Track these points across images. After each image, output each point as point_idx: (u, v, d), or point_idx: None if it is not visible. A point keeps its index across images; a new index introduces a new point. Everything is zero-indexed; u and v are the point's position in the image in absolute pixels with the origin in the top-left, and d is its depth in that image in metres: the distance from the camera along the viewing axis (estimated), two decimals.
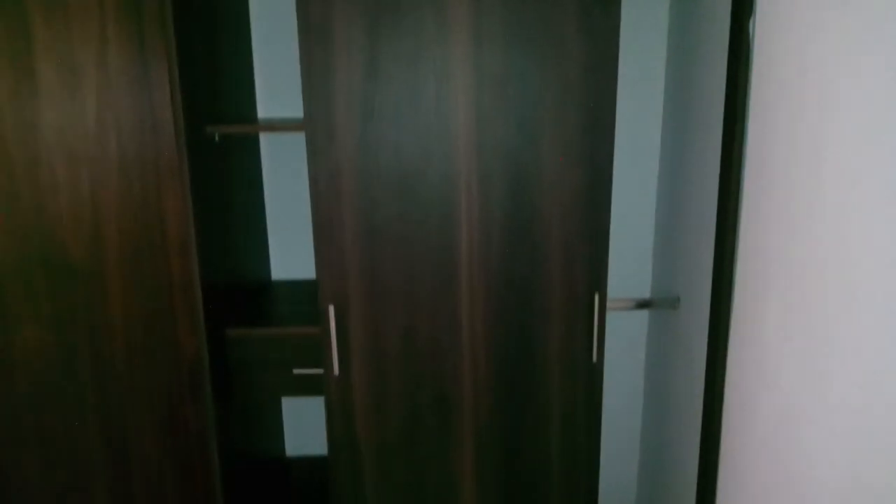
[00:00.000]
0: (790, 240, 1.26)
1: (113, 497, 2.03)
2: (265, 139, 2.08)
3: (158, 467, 2.01)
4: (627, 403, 2.30)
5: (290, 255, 2.17)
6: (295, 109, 2.02)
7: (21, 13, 1.73)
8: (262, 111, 2.04)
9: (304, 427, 2.32)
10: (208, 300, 1.62)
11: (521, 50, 1.44)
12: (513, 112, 1.47)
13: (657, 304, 2.10)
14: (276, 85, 2.02)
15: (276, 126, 1.71)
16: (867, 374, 1.00)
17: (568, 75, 1.45)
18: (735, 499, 1.52)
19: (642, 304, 2.14)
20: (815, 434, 1.16)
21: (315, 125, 1.47)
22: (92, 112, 1.72)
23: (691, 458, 1.80)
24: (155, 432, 1.99)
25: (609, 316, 2.21)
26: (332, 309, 1.54)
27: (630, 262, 2.18)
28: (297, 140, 2.05)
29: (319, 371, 1.72)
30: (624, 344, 2.24)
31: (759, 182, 1.39)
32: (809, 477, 1.18)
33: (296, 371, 1.74)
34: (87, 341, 1.91)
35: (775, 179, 1.29)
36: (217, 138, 1.68)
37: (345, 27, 1.42)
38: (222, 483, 1.67)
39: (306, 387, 1.76)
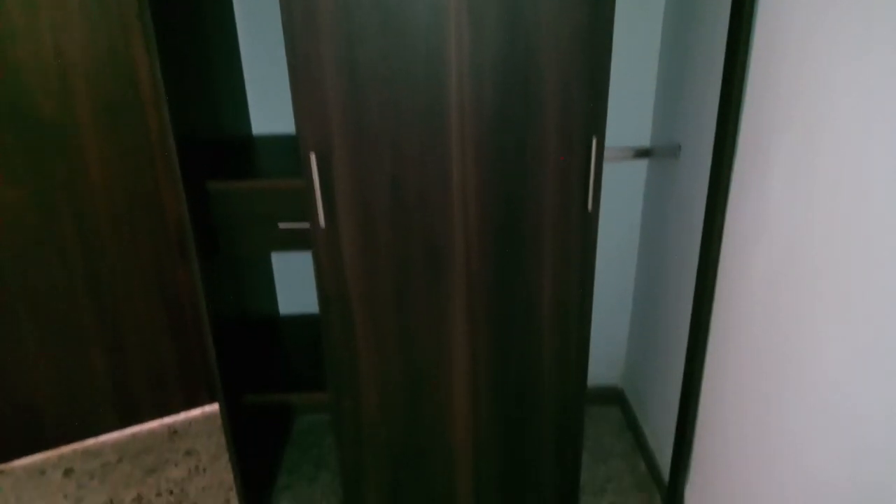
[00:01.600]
0: (799, 89, 1.16)
1: (109, 360, 2.05)
2: None
3: (151, 329, 2.01)
4: (622, 255, 2.28)
5: (273, 107, 2.06)
6: None
7: None
8: None
9: (296, 285, 2.31)
10: (186, 153, 1.54)
11: None
12: None
13: (657, 153, 2.02)
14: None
15: None
16: (870, 226, 0.95)
17: None
18: (725, 356, 1.52)
19: (641, 153, 2.06)
20: (809, 294, 1.13)
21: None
22: None
23: (684, 314, 1.80)
24: (145, 292, 1.97)
25: (607, 167, 2.14)
26: (313, 157, 1.46)
27: (630, 110, 2.07)
28: None
29: (306, 225, 1.67)
30: (622, 195, 2.18)
31: (769, 26, 1.27)
32: (800, 338, 1.17)
33: (281, 225, 1.69)
34: (66, 200, 1.85)
35: (787, 25, 1.18)
36: None
37: None
38: (214, 341, 1.67)
39: (293, 241, 1.72)
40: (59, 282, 1.89)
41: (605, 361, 2.45)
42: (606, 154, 2.03)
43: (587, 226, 1.54)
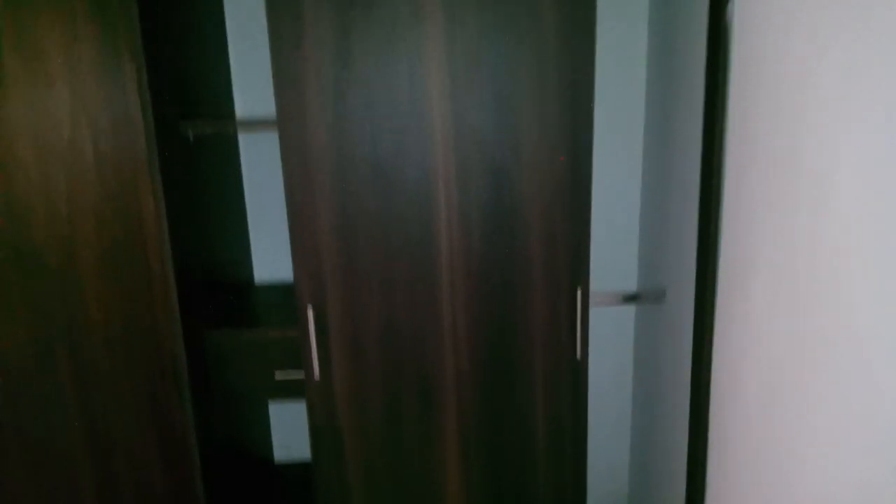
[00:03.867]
0: (772, 230, 1.24)
1: (99, 494, 2.00)
2: (244, 135, 2.05)
3: (143, 466, 1.98)
4: (615, 399, 2.28)
5: (275, 256, 2.13)
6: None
7: None
8: (241, 107, 2.00)
9: (293, 431, 2.29)
10: (186, 300, 1.59)
11: (495, 42, 1.41)
12: (489, 103, 1.44)
13: (644, 298, 2.08)
14: (254, 80, 1.99)
15: (249, 123, 1.68)
16: (852, 362, 0.98)
17: (545, 70, 1.42)
18: (725, 487, 1.50)
19: (629, 298, 2.11)
20: (798, 426, 1.14)
21: (287, 118, 1.44)
22: (65, 110, 1.69)
23: (680, 451, 1.78)
24: (138, 432, 1.96)
25: (596, 311, 2.19)
26: (310, 309, 1.51)
27: (617, 256, 2.15)
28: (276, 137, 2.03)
29: (300, 375, 1.69)
30: (612, 339, 2.22)
31: (740, 172, 1.37)
32: (794, 462, 1.17)
33: (277, 374, 1.71)
34: (65, 341, 1.89)
35: (756, 169, 1.27)
36: (191, 136, 1.65)
37: (315, 19, 1.38)
38: (203, 482, 1.64)
39: (288, 390, 1.73)
40: (52, 417, 1.90)
41: (607, 492, 2.39)
42: (595, 299, 2.09)
43: (577, 373, 1.57)
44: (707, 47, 1.47)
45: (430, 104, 1.43)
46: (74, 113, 1.69)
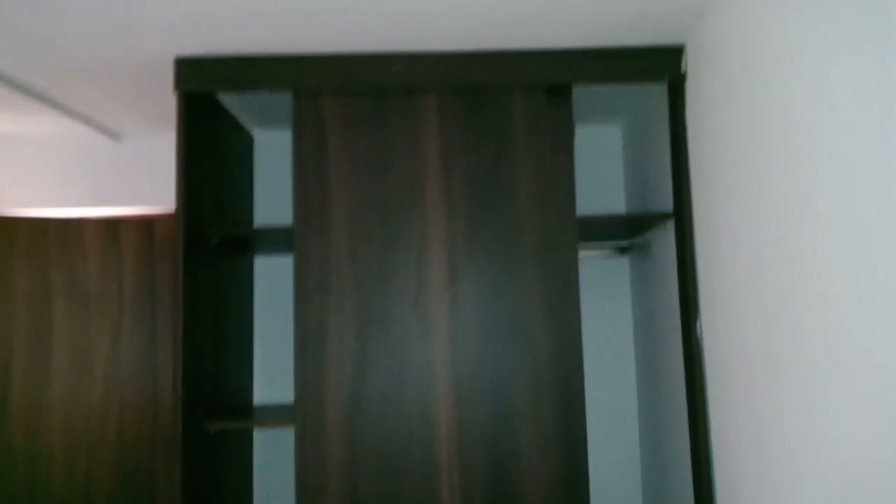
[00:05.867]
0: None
1: None
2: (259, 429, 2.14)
3: None
4: None
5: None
6: (290, 392, 2.12)
7: (46, 303, 1.92)
8: (259, 394, 2.13)
9: None
10: None
11: (494, 342, 1.60)
12: (489, 396, 1.58)
13: None
14: (275, 369, 2.14)
15: (269, 419, 1.79)
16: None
17: (536, 358, 1.59)
18: None
19: None
20: None
21: (305, 416, 1.56)
22: (98, 395, 1.83)
23: None
24: None
25: None
26: None
27: None
28: (289, 429, 2.13)
29: None
30: None
31: (729, 455, 1.45)
32: None
33: None
34: None
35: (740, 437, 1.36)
36: (213, 431, 1.75)
37: (337, 328, 1.58)
38: None
39: None
40: None
41: None
42: None
43: None
44: (684, 357, 1.64)
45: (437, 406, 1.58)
46: (106, 399, 1.83)
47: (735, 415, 1.38)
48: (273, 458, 2.13)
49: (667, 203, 1.74)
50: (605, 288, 2.20)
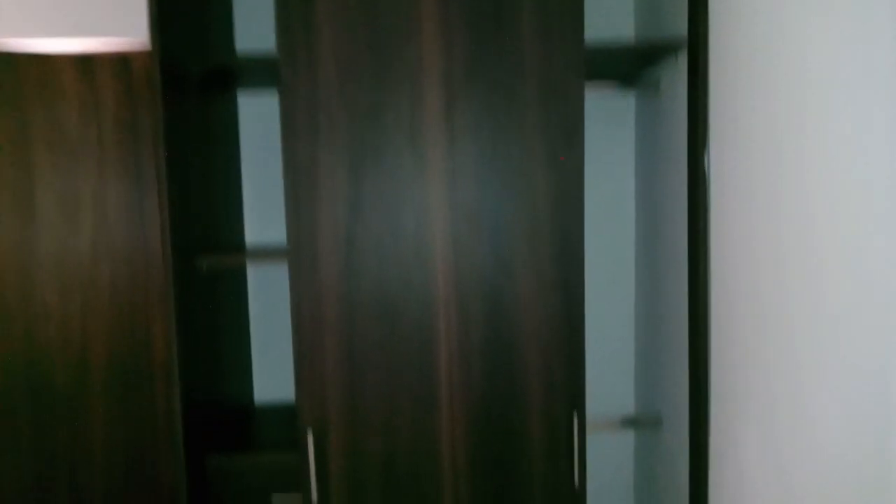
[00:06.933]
0: (762, 366, 1.30)
1: None
2: (252, 265, 2.15)
3: None
4: None
5: (275, 378, 2.18)
6: (281, 233, 2.10)
7: (25, 148, 1.83)
8: (250, 235, 2.11)
9: None
10: (190, 428, 1.63)
11: (493, 186, 1.53)
12: (487, 241, 1.54)
13: (641, 423, 2.10)
14: (265, 210, 2.11)
15: (262, 254, 1.77)
16: (841, 488, 1.02)
17: (536, 205, 1.54)
18: None
19: (627, 423, 2.14)
20: None
21: (299, 255, 1.53)
22: (87, 242, 1.79)
23: None
24: None
25: (595, 437, 2.20)
26: (310, 434, 1.54)
27: (613, 380, 2.19)
28: (283, 267, 2.12)
29: (298, 497, 1.70)
30: (611, 466, 2.22)
31: (727, 295, 1.44)
32: None
33: (275, 497, 1.72)
34: (66, 468, 1.90)
35: (741, 289, 1.35)
36: (205, 268, 1.74)
37: (329, 167, 1.51)
38: None
39: None
40: None
41: None
42: (592, 425, 2.12)
43: (576, 502, 1.58)
44: (688, 193, 1.59)
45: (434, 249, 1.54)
46: (95, 245, 1.78)
47: (735, 257, 1.35)
48: (268, 299, 2.14)
49: (681, 31, 1.62)
50: (608, 128, 2.12)
